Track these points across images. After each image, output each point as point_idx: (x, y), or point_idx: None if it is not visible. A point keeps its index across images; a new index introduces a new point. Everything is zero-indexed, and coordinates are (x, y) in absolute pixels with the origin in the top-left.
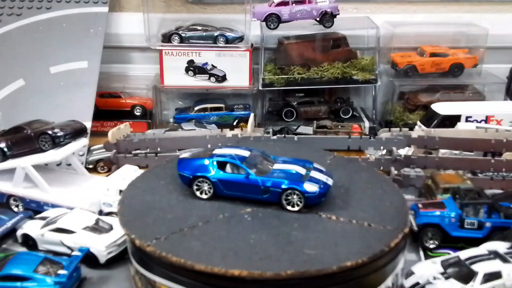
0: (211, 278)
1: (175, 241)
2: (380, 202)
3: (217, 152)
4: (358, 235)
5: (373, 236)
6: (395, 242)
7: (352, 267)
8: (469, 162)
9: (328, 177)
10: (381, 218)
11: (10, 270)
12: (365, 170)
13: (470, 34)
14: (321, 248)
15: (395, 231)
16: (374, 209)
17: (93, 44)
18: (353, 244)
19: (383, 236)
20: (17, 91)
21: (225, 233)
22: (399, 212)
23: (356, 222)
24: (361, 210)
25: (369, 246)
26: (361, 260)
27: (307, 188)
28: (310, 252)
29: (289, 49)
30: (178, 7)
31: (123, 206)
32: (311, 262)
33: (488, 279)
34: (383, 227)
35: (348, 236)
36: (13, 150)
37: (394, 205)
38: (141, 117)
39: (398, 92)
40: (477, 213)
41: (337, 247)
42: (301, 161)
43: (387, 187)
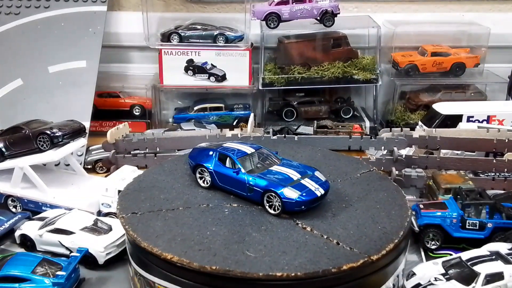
0: (210, 278)
1: (144, 219)
2: (371, 225)
3: (224, 145)
4: (316, 250)
5: (330, 255)
6: (349, 266)
7: (279, 277)
8: (471, 162)
9: (321, 187)
10: (356, 240)
11: (8, 271)
12: (388, 191)
13: (471, 33)
14: (265, 254)
15: (358, 256)
16: (357, 230)
17: (91, 44)
18: (300, 257)
19: (341, 258)
20: (15, 90)
21: (191, 221)
22: (382, 239)
23: (326, 238)
24: (342, 228)
25: (315, 262)
26: (293, 274)
27: (285, 193)
28: (249, 254)
29: (289, 49)
30: (178, 6)
31: (133, 181)
32: (242, 263)
33: (490, 280)
34: (350, 249)
35: (304, 249)
36: (11, 150)
37: (383, 231)
38: (140, 117)
39: (399, 91)
40: (478, 213)
41: (282, 256)
42: (304, 167)
43: (396, 212)
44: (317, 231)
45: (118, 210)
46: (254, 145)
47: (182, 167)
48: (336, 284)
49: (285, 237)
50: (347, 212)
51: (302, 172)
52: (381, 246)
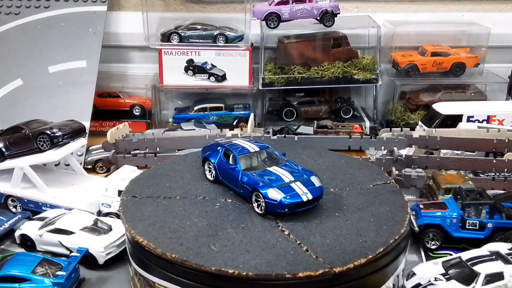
0: (209, 278)
1: (139, 203)
2: (352, 237)
3: (233, 141)
4: (280, 253)
5: (291, 260)
6: (305, 274)
7: (230, 274)
8: (471, 162)
9: (311, 193)
10: (328, 250)
11: (8, 271)
12: (393, 205)
13: (471, 33)
14: (228, 250)
15: (319, 266)
16: (335, 240)
17: (91, 44)
18: (260, 258)
19: (301, 265)
20: (15, 90)
21: (179, 210)
22: (356, 253)
23: (298, 244)
24: (321, 236)
25: (272, 265)
26: (244, 273)
27: (269, 194)
28: (213, 248)
29: (289, 49)
30: (178, 6)
31: (152, 168)
32: (201, 255)
33: (490, 280)
34: (316, 257)
35: (269, 251)
36: (11, 150)
37: (361, 245)
38: (140, 117)
39: (399, 91)
40: (478, 213)
41: (243, 254)
42: (304, 171)
43: (388, 228)
44: (293, 235)
45: (123, 193)
46: (262, 144)
47: (195, 159)
48: (334, 284)
49: (257, 237)
50: (335, 221)
51: (297, 176)
52: (350, 259)
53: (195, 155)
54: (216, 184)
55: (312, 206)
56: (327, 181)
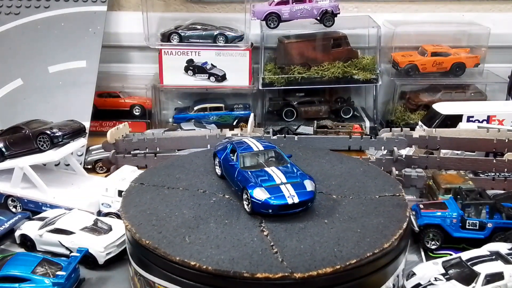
0: (211, 279)
1: (142, 190)
2: (328, 246)
3: (241, 139)
4: (247, 252)
5: (256, 261)
6: (264, 275)
7: (192, 266)
8: (471, 162)
9: (298, 196)
10: (296, 255)
11: (8, 271)
12: (388, 219)
13: (471, 33)
14: (200, 243)
15: (281, 269)
16: (309, 247)
17: (91, 44)
18: (226, 255)
19: (263, 266)
20: (15, 90)
21: (174, 201)
22: (324, 261)
23: (271, 246)
24: (297, 241)
25: (235, 263)
26: (204, 266)
27: (255, 193)
28: (186, 240)
29: (289, 49)
30: (178, 6)
31: (174, 158)
32: (172, 245)
33: (490, 280)
34: (281, 261)
35: (238, 248)
36: (11, 150)
37: (334, 255)
38: (140, 117)
39: (399, 91)
40: (478, 213)
41: (212, 249)
42: (301, 175)
43: (371, 240)
44: (270, 237)
45: (133, 179)
46: (269, 145)
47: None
48: (334, 283)
49: (234, 234)
50: (320, 228)
51: (290, 178)
52: (315, 267)
53: (208, 150)
54: (222, 180)
55: (301, 210)
56: (334, 187)
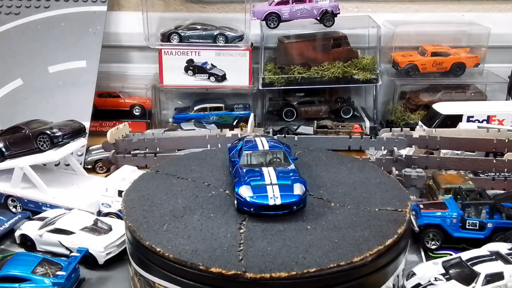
0: (211, 279)
1: (154, 177)
2: (297, 252)
3: (253, 138)
4: (212, 246)
5: (216, 256)
6: (217, 270)
7: (157, 252)
8: (471, 162)
9: (282, 199)
10: (260, 255)
11: (8, 271)
12: (373, 234)
13: (471, 33)
14: (174, 232)
15: (235, 267)
16: (277, 250)
17: (91, 44)
18: (191, 246)
19: (219, 261)
20: (15, 90)
21: (176, 191)
22: (283, 264)
23: (239, 244)
24: (268, 243)
25: (195, 254)
26: (166, 254)
27: (240, 190)
28: (164, 228)
29: (290, 49)
30: (178, 6)
31: (200, 151)
32: (149, 231)
33: (490, 280)
34: (240, 260)
35: (206, 242)
36: (11, 150)
37: (299, 261)
38: (140, 117)
39: (399, 91)
40: (478, 213)
41: (182, 239)
42: (294, 178)
43: (343, 252)
44: (244, 235)
45: (154, 166)
46: (276, 145)
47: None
48: (334, 283)
49: (211, 228)
50: (297, 233)
51: (282, 180)
52: (270, 270)
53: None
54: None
55: (286, 213)
56: (338, 195)
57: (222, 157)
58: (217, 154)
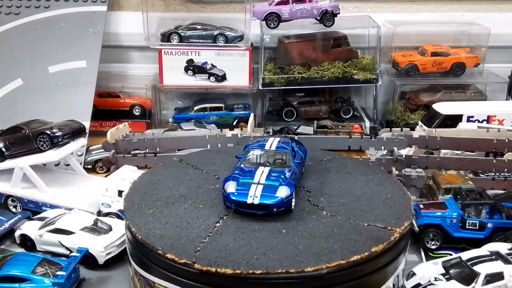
0: (211, 279)
1: (174, 165)
2: (252, 253)
3: (267, 138)
4: (179, 234)
5: (179, 246)
6: (178, 259)
7: (136, 237)
8: (471, 162)
9: (261, 199)
10: (214, 250)
11: (8, 271)
12: (349, 247)
13: (471, 33)
14: (155, 216)
15: (188, 256)
16: (233, 250)
17: (91, 44)
18: (161, 231)
19: (177, 250)
20: (15, 90)
21: (185, 179)
22: (235, 262)
23: (205, 237)
24: (234, 241)
25: (160, 237)
26: (135, 232)
27: (226, 186)
28: (149, 212)
29: (290, 49)
30: (178, 6)
31: (228, 147)
32: (137, 218)
33: (490, 280)
34: (195, 252)
35: (175, 230)
36: (11, 150)
37: (250, 262)
38: (140, 117)
39: (399, 91)
40: (478, 213)
41: (158, 224)
42: (284, 181)
43: (299, 262)
44: (217, 229)
45: (182, 155)
46: (283, 146)
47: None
48: (335, 283)
49: (191, 217)
50: (269, 235)
51: (271, 180)
52: (218, 264)
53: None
54: None
55: (265, 213)
56: (335, 204)
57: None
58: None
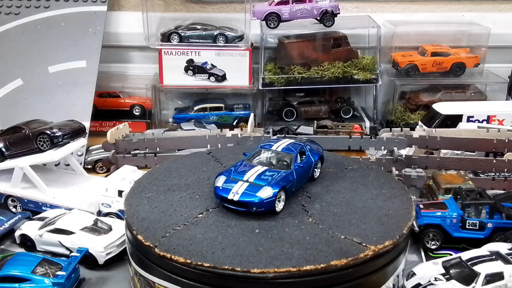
0: (212, 279)
1: (200, 156)
2: (214, 247)
3: (280, 138)
4: (158, 219)
5: (153, 230)
6: (147, 244)
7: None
8: (471, 162)
9: (242, 196)
10: (176, 240)
11: (8, 271)
12: (312, 256)
13: (471, 33)
14: (150, 200)
15: (153, 240)
16: (195, 240)
17: (91, 44)
18: (148, 214)
19: (153, 237)
20: (16, 90)
21: (199, 170)
22: (189, 254)
23: (179, 226)
24: (203, 232)
25: (142, 219)
26: (125, 209)
27: (216, 179)
28: (146, 196)
29: (290, 49)
30: (178, 6)
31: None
32: (138, 197)
33: (490, 280)
34: (162, 238)
35: (161, 215)
36: (11, 150)
37: (205, 255)
38: (140, 117)
39: (399, 91)
40: (478, 213)
41: (148, 207)
42: (272, 180)
43: (249, 257)
44: (196, 220)
45: (210, 149)
46: (289, 149)
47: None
48: (336, 284)
49: (180, 206)
50: (239, 232)
51: (260, 180)
52: (174, 252)
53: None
54: None
55: (245, 211)
56: (327, 214)
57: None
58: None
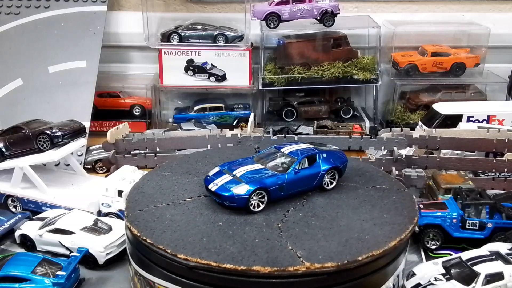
0: (212, 278)
1: (222, 151)
2: (197, 239)
3: (295, 143)
4: (150, 193)
5: (145, 224)
6: (134, 233)
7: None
8: (471, 162)
9: (219, 189)
10: (165, 228)
11: (8, 271)
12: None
13: (471, 33)
14: (151, 186)
15: (143, 232)
16: (180, 230)
17: (91, 44)
18: (144, 195)
19: (141, 230)
20: (15, 90)
21: (212, 164)
22: (165, 242)
23: (165, 205)
24: (189, 221)
25: (135, 200)
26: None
27: (212, 169)
28: (163, 174)
29: (290, 49)
30: (178, 6)
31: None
32: (144, 184)
33: (490, 280)
34: (137, 230)
35: (155, 195)
36: (11, 150)
37: (178, 247)
38: (140, 117)
39: (399, 91)
40: (478, 213)
41: (151, 188)
42: (258, 179)
43: (215, 247)
44: (178, 202)
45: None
46: (296, 154)
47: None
48: (336, 284)
49: (179, 189)
50: (205, 221)
51: (245, 177)
52: (162, 242)
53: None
54: None
55: (220, 203)
56: (303, 224)
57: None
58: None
